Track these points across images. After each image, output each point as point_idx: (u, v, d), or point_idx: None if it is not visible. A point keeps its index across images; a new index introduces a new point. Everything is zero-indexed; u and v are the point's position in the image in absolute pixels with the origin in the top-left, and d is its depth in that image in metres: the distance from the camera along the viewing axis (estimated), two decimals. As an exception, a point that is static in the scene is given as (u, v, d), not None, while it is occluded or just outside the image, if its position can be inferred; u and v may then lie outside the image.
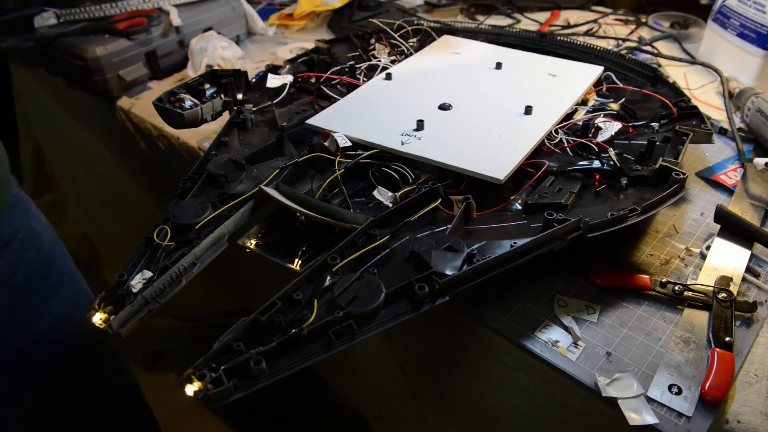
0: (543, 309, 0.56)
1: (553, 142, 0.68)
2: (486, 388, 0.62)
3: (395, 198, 0.60)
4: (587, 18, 1.19)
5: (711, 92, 0.92)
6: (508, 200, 0.61)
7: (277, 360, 0.43)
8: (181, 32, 1.03)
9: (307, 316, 0.46)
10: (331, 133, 0.66)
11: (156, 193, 1.13)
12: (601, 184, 0.62)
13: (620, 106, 0.76)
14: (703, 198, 0.70)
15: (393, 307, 0.48)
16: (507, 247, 0.52)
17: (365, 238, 0.54)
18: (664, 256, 0.61)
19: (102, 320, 0.48)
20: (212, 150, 0.67)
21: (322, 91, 0.79)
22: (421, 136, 0.66)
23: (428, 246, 0.51)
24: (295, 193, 0.60)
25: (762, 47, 0.88)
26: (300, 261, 0.57)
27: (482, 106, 0.73)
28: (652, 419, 0.46)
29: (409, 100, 0.75)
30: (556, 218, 0.54)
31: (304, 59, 0.88)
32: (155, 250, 0.54)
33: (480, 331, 0.56)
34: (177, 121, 0.74)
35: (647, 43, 1.07)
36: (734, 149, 0.78)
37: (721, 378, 0.47)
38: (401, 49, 0.92)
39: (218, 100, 0.77)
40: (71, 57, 0.94)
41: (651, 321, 0.54)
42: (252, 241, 0.60)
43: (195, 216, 0.57)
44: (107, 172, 1.20)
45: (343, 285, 0.48)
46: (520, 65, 0.85)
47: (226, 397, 0.41)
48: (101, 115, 1.04)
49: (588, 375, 0.50)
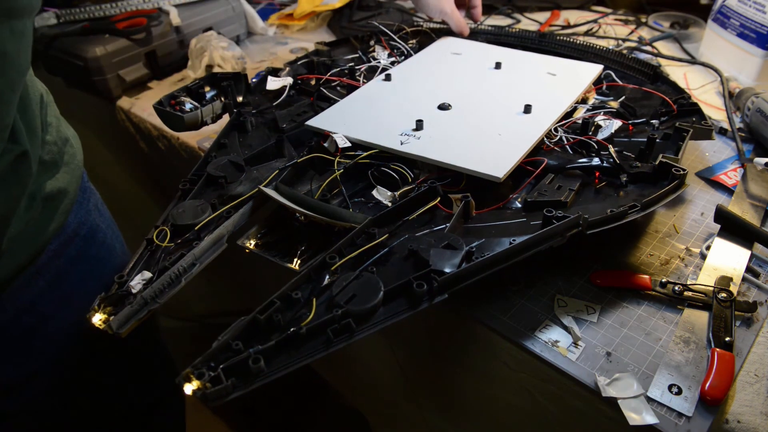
0: (543, 309, 0.56)
1: (552, 140, 0.68)
2: (486, 388, 0.62)
3: (394, 197, 0.60)
4: (587, 18, 1.19)
5: (711, 92, 0.92)
6: (507, 198, 0.61)
7: (275, 358, 0.43)
8: (181, 32, 1.03)
9: (306, 315, 0.46)
10: (330, 133, 0.66)
11: (156, 194, 1.13)
12: (601, 181, 0.62)
13: (620, 103, 0.76)
14: (703, 198, 0.70)
15: (391, 305, 0.48)
16: (506, 245, 0.52)
17: (364, 237, 0.54)
18: (664, 256, 0.61)
19: (102, 320, 0.48)
20: (212, 152, 0.67)
21: (321, 93, 0.79)
22: (420, 136, 0.66)
23: (427, 244, 0.51)
24: (295, 194, 0.60)
25: (762, 47, 0.88)
26: (299, 261, 0.57)
27: (481, 106, 0.73)
28: (652, 419, 0.46)
29: (409, 101, 0.75)
30: (555, 215, 0.53)
31: (304, 61, 0.88)
32: (155, 251, 0.54)
33: (480, 331, 0.56)
34: (177, 124, 0.74)
35: (647, 43, 1.06)
36: (734, 149, 0.78)
37: (721, 378, 0.47)
38: (401, 50, 0.92)
39: (218, 103, 0.77)
40: (71, 57, 0.94)
41: (651, 321, 0.54)
42: (251, 241, 0.60)
43: (195, 217, 0.57)
44: (107, 172, 1.20)
45: (341, 283, 0.48)
46: (520, 65, 0.85)
47: (225, 396, 0.41)
48: (101, 115, 1.04)
49: (588, 375, 0.50)
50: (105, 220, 0.71)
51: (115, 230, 0.73)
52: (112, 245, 0.71)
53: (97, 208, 0.70)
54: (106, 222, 0.71)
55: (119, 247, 0.74)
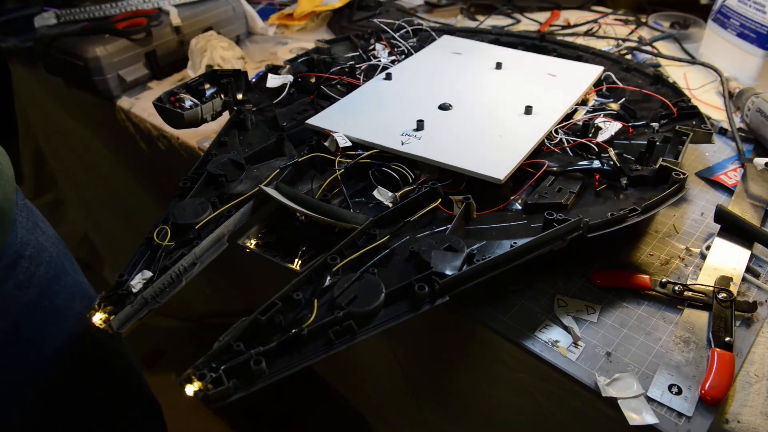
0: (543, 309, 0.56)
1: (553, 142, 0.68)
2: (486, 388, 0.62)
3: (395, 198, 0.60)
4: (587, 18, 1.19)
5: (711, 92, 0.92)
6: (508, 200, 0.61)
7: (276, 360, 0.43)
8: (181, 32, 1.03)
9: (307, 316, 0.46)
10: (331, 133, 0.66)
11: (156, 193, 1.13)
12: (601, 184, 0.62)
13: (620, 106, 0.76)
14: (703, 198, 0.70)
15: (393, 307, 0.48)
16: (507, 247, 0.52)
17: (365, 238, 0.54)
18: (664, 256, 0.61)
19: (102, 320, 0.48)
20: (212, 150, 0.67)
21: (322, 91, 0.79)
22: (421, 136, 0.66)
23: (428, 246, 0.51)
24: (295, 193, 0.60)
25: (762, 47, 0.88)
26: (300, 261, 0.57)
27: (482, 106, 0.73)
28: (652, 419, 0.46)
29: (409, 100, 0.75)
30: (556, 218, 0.54)
31: (304, 59, 0.88)
32: (155, 250, 0.54)
33: (480, 331, 0.56)
34: (177, 121, 0.74)
35: (647, 43, 1.06)
36: (734, 149, 0.78)
37: (721, 378, 0.47)
38: (401, 49, 0.92)
39: (218, 100, 0.77)
40: (71, 57, 0.94)
41: (651, 321, 0.54)
42: (252, 241, 0.60)
43: (195, 216, 0.57)
44: (107, 172, 1.20)
45: (343, 285, 0.48)
46: (520, 65, 0.85)
47: (226, 397, 0.41)
48: (101, 115, 1.04)
49: (588, 375, 0.50)
50: (49, 238, 0.66)
51: (61, 247, 0.68)
52: (60, 263, 0.67)
53: (38, 226, 0.65)
54: (51, 240, 0.66)
55: (69, 264, 0.69)
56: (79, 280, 0.71)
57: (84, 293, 0.71)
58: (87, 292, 0.72)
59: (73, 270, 0.70)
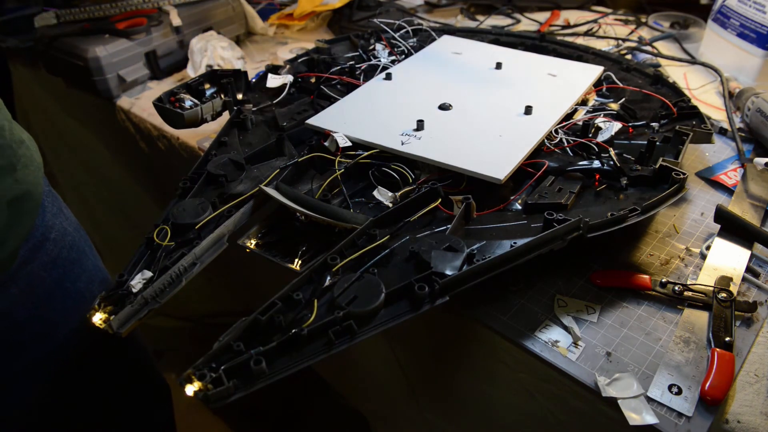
0: (543, 309, 0.56)
1: (553, 142, 0.68)
2: (486, 388, 0.62)
3: (395, 198, 0.60)
4: (587, 18, 1.19)
5: (711, 92, 0.92)
6: (508, 200, 0.61)
7: (277, 360, 0.43)
8: (181, 32, 1.03)
9: (307, 316, 0.46)
10: (331, 133, 0.66)
11: (156, 193, 1.13)
12: (601, 184, 0.62)
13: (620, 106, 0.76)
14: (703, 198, 0.70)
15: (393, 307, 0.48)
16: (507, 247, 0.52)
17: (365, 238, 0.54)
18: (664, 256, 0.61)
19: (102, 320, 0.48)
20: (212, 150, 0.67)
21: (322, 91, 0.79)
22: (421, 136, 0.66)
23: (428, 246, 0.51)
24: (295, 193, 0.60)
25: (762, 47, 0.88)
26: (300, 261, 0.57)
27: (482, 106, 0.73)
28: (652, 419, 0.46)
29: (409, 100, 0.75)
30: (556, 218, 0.54)
31: (304, 59, 0.88)
32: (155, 250, 0.54)
33: (480, 331, 0.56)
34: (177, 121, 0.74)
35: (647, 43, 1.06)
36: (734, 149, 0.78)
37: (721, 378, 0.47)
38: (401, 49, 0.92)
39: (218, 100, 0.77)
40: (71, 57, 0.94)
41: (651, 321, 0.54)
42: (252, 241, 0.60)
43: (195, 216, 0.57)
44: (107, 172, 1.20)
45: (343, 285, 0.48)
46: (520, 65, 0.85)
47: (226, 397, 0.41)
48: (101, 115, 1.04)
49: (588, 375, 0.50)
50: (71, 224, 0.69)
51: (82, 233, 0.72)
52: (82, 248, 0.70)
53: (62, 212, 0.68)
54: (73, 225, 0.70)
55: (89, 250, 0.72)
56: (98, 265, 0.74)
57: (103, 278, 0.74)
58: (106, 277, 0.75)
59: (93, 255, 0.73)
